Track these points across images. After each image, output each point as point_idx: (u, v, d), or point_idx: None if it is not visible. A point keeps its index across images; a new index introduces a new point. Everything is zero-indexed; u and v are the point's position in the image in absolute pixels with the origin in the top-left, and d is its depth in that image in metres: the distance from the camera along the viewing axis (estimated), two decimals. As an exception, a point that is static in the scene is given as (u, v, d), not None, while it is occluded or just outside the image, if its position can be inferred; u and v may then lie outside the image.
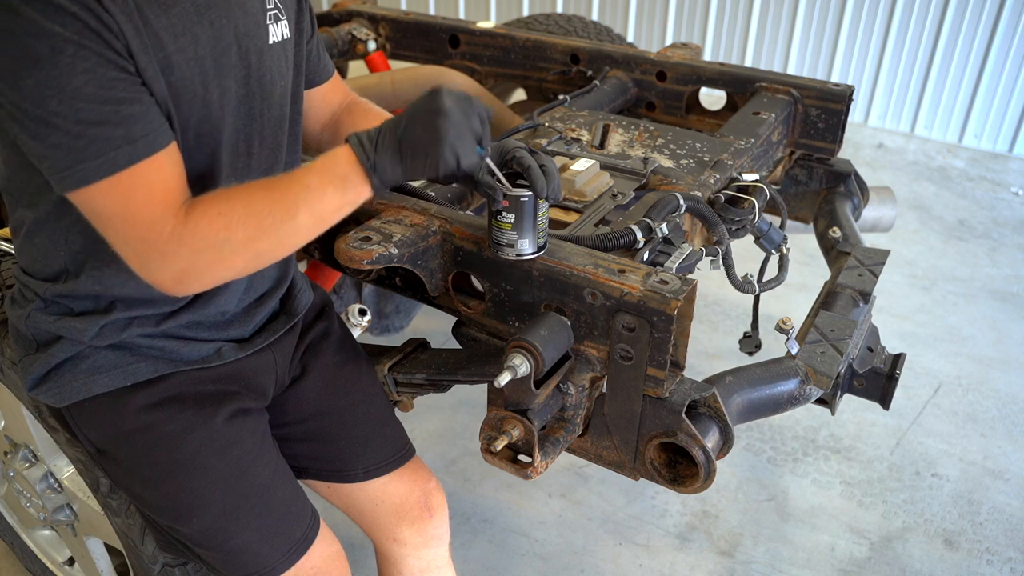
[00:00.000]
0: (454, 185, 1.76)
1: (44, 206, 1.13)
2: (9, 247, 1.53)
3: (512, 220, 1.24)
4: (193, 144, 1.13)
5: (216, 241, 1.05)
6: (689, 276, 1.26)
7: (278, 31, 1.22)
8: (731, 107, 2.30)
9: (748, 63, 4.77)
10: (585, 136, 1.90)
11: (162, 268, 1.06)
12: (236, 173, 1.21)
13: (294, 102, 1.31)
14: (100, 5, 0.97)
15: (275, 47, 1.22)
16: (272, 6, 1.21)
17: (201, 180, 1.16)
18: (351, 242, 1.30)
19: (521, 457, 1.34)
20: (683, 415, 1.27)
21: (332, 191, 1.09)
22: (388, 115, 1.47)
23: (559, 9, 5.16)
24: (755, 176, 1.75)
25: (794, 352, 1.53)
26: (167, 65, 1.05)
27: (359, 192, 1.10)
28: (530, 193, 1.22)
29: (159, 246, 1.04)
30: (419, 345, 1.59)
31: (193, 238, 1.04)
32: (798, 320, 1.59)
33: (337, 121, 1.47)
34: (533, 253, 1.28)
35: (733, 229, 1.68)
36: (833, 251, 1.97)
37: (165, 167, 1.05)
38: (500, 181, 1.23)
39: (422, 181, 1.45)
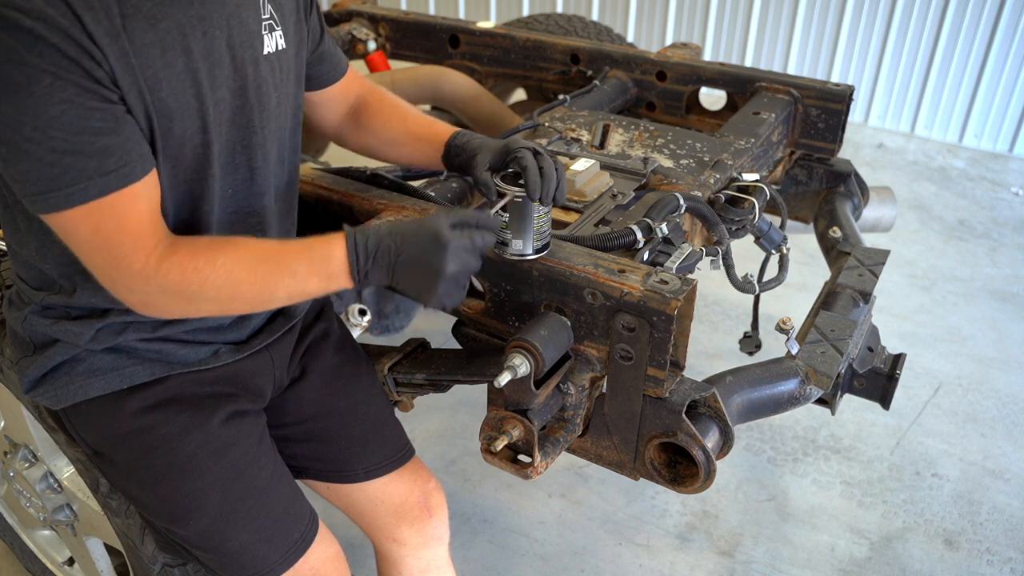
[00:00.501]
0: (454, 184, 1.77)
1: (33, 216, 1.11)
2: (8, 247, 1.52)
3: (509, 220, 1.24)
4: (190, 156, 1.11)
5: (187, 292, 1.07)
6: (689, 276, 1.26)
7: (273, 42, 1.20)
8: (731, 107, 2.30)
9: (748, 63, 4.77)
10: (585, 136, 1.90)
11: (128, 295, 1.09)
12: (235, 185, 1.20)
13: (295, 113, 1.29)
14: (84, 31, 0.95)
15: (270, 57, 1.19)
16: (267, 16, 1.18)
17: (196, 194, 1.15)
18: (351, 242, 1.29)
19: (521, 457, 1.34)
20: (683, 415, 1.27)
21: (316, 282, 1.11)
22: (403, 104, 1.47)
23: (559, 9, 5.16)
24: (755, 176, 1.75)
25: (794, 352, 1.53)
26: (155, 83, 1.03)
27: (342, 286, 1.12)
28: (524, 194, 1.21)
29: (126, 278, 1.06)
30: (419, 345, 1.59)
31: (164, 281, 1.06)
32: (798, 320, 1.59)
33: (356, 113, 1.47)
34: (533, 254, 1.27)
35: (733, 229, 1.68)
36: (833, 251, 1.96)
37: (138, 200, 1.04)
38: (498, 184, 1.23)
39: (421, 181, 1.45)
